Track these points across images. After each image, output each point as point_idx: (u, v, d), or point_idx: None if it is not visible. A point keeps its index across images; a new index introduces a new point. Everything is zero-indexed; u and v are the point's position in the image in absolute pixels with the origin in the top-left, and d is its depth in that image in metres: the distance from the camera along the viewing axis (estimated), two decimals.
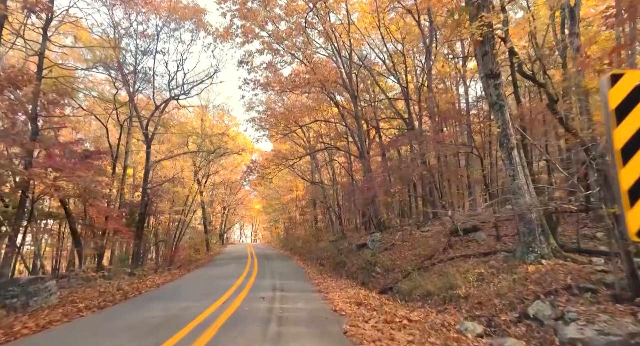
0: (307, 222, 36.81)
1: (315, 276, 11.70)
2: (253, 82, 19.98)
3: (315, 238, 27.33)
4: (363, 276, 13.07)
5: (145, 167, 15.83)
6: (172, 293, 8.49)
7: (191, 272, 13.91)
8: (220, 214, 52.65)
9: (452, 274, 8.42)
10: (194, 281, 10.37)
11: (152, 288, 9.14)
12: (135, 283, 9.83)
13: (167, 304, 6.82)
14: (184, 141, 21.81)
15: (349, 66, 19.70)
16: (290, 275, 12.19)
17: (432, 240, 13.20)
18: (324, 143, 22.23)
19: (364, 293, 7.49)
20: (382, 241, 16.13)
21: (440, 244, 11.88)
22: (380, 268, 12.51)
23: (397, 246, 14.48)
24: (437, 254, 10.96)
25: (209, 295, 7.76)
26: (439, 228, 15.61)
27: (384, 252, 14.28)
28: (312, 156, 28.16)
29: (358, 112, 20.05)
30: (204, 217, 30.49)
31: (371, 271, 12.83)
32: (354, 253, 16.99)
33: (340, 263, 16.36)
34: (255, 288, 8.51)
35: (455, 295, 7.14)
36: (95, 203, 12.00)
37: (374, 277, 12.26)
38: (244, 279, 10.25)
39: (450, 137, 15.01)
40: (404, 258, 12.42)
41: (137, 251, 15.29)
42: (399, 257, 12.71)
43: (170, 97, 16.72)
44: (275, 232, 48.31)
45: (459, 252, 10.55)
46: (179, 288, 9.17)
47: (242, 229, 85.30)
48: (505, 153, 7.52)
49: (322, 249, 21.99)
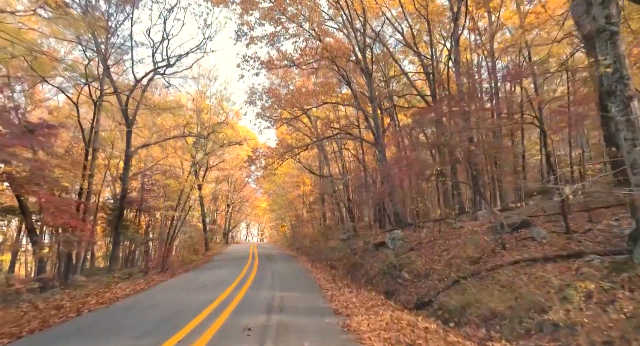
0: (315, 220, 34.41)
1: (328, 284, 9.23)
2: (253, 59, 17.54)
3: (324, 237, 24.92)
4: (386, 282, 10.59)
5: (126, 153, 13.50)
6: (116, 318, 5.81)
7: (176, 277, 11.54)
8: (224, 212, 50.61)
9: (527, 286, 5.90)
10: (166, 293, 7.87)
11: (100, 306, 6.55)
12: (90, 297, 7.51)
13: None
14: (178, 127, 19.47)
15: (363, 39, 17.17)
16: (295, 282, 9.72)
17: (469, 238, 10.65)
18: (333, 128, 19.70)
19: (407, 319, 4.91)
20: (404, 239, 13.63)
21: (486, 244, 9.34)
22: (408, 273, 10.01)
23: (425, 246, 11.97)
24: (485, 257, 8.42)
25: (166, 322, 5.25)
26: (474, 223, 13.07)
27: (409, 253, 11.78)
28: (320, 147, 25.69)
29: (373, 93, 17.51)
30: (202, 214, 28.18)
31: (396, 276, 10.34)
32: (370, 253, 14.52)
33: (356, 265, 13.90)
34: (244, 307, 6.04)
35: (549, 323, 4.63)
36: (43, 192, 9.62)
37: (400, 285, 9.77)
38: (233, 290, 7.81)
39: (488, 111, 12.42)
40: (438, 261, 9.90)
41: (114, 252, 12.99)
42: (431, 259, 10.19)
43: (153, 69, 14.27)
44: (282, 231, 45.93)
45: (517, 254, 8.02)
46: (134, 308, 6.43)
47: (249, 228, 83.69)
48: (618, 105, 4.95)
49: (333, 249, 19.57)
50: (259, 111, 20.16)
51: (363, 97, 18.66)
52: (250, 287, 8.31)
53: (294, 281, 9.88)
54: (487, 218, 14.52)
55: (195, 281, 9.96)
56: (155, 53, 14.12)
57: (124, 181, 13.32)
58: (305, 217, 36.57)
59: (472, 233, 11.38)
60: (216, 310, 5.92)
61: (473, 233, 11.15)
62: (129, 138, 13.58)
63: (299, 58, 17.12)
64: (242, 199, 53.26)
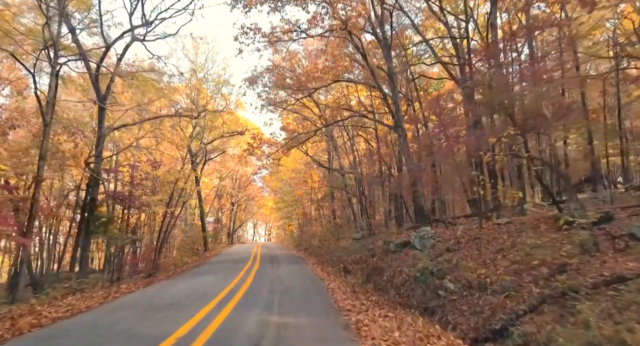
0: (324, 217, 31.99)
1: (347, 300, 6.75)
2: (253, 31, 15.13)
3: (334, 236, 22.48)
4: (421, 295, 8.08)
5: (98, 132, 11.18)
6: None
7: (150, 286, 9.11)
8: (228, 211, 48.54)
9: None
10: (105, 319, 5.34)
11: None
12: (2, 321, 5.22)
13: None
14: (168, 108, 17.16)
15: (381, 3, 14.67)
16: (301, 297, 7.25)
17: (529, 237, 8.10)
18: (346, 109, 17.19)
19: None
20: (435, 238, 11.11)
21: (559, 244, 6.78)
22: (452, 282, 7.48)
23: (466, 246, 9.45)
24: (576, 264, 5.84)
25: None
26: (522, 218, 10.49)
27: (446, 255, 9.26)
28: (330, 137, 23.25)
29: (392, 69, 14.99)
30: (201, 211, 25.88)
31: (435, 286, 7.82)
32: (392, 255, 12.04)
33: (376, 269, 11.41)
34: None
35: None
36: None
37: (444, 298, 7.26)
38: (209, 313, 5.33)
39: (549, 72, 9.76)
40: (491, 265, 7.37)
41: (82, 255, 10.66)
42: (483, 264, 7.67)
43: (130, 29, 11.70)
44: (288, 230, 43.54)
45: (627, 259, 5.51)
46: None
47: (256, 228, 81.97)
48: None
49: (345, 249, 17.11)
50: (260, 92, 17.72)
51: (381, 71, 16.13)
52: (236, 307, 5.87)
53: (300, 296, 7.39)
54: (536, 212, 11.95)
55: (169, 294, 7.49)
56: (132, 14, 11.77)
57: (97, 166, 11.01)
58: (314, 215, 34.18)
59: (528, 229, 8.83)
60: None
61: (531, 230, 8.59)
62: (102, 115, 11.27)
63: (307, 28, 14.70)
64: (248, 197, 51.20)
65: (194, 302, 6.27)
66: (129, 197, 16.75)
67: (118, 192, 17.77)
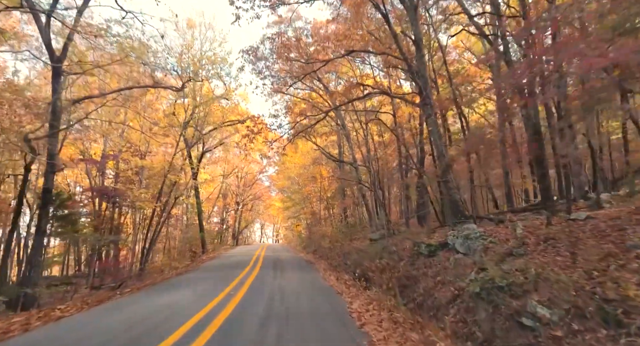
0: (334, 216, 29.49)
1: (391, 339, 4.21)
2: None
3: (347, 237, 19.96)
4: (488, 321, 5.47)
5: (53, 102, 8.72)
6: None
7: (93, 309, 6.52)
8: (233, 211, 46.39)
9: None
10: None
11: None
12: None
13: None
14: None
15: None
16: (312, 327, 4.72)
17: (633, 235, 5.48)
18: (361, 84, 14.60)
19: None
20: (486, 238, 8.47)
21: None
22: (545, 306, 4.84)
23: (537, 250, 6.82)
24: None
25: None
26: (607, 212, 7.83)
27: (509, 261, 6.65)
28: (341, 125, 20.71)
29: (419, 33, 12.42)
30: (198, 209, 23.48)
31: (511, 310, 5.20)
32: (425, 260, 9.47)
33: (408, 279, 8.82)
34: None
35: None
36: None
37: (530, 331, 4.65)
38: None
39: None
40: (611, 282, 4.75)
41: (34, 259, 8.31)
42: (587, 277, 5.04)
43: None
44: (296, 230, 41.07)
45: None
46: None
47: (263, 229, 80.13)
48: None
49: (361, 252, 14.59)
50: (261, 68, 15.28)
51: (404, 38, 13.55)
52: (211, 340, 3.40)
53: (310, 328, 4.77)
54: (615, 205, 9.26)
55: (96, 326, 4.94)
56: None
57: (49, 149, 8.68)
58: (323, 214, 31.67)
59: (614, 225, 6.18)
60: None
61: (618, 226, 5.95)
62: (56, 82, 8.92)
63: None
64: (254, 196, 49.02)
65: (147, 338, 3.79)
66: (111, 191, 14.47)
67: (97, 186, 15.51)
